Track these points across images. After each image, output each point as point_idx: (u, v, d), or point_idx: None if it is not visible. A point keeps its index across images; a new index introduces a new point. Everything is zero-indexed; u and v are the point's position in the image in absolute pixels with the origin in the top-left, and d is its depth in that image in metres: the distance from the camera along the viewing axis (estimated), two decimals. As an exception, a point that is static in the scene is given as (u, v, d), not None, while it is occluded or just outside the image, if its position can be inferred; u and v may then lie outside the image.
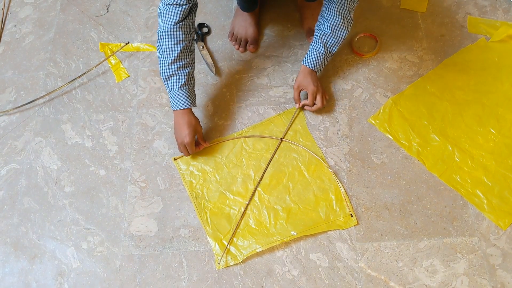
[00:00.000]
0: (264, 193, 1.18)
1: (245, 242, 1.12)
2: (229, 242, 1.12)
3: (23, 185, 1.25)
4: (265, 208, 1.16)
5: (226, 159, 1.24)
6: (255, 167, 1.22)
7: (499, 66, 1.32)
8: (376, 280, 1.06)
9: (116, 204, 1.20)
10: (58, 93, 1.39)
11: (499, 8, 1.43)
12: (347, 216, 1.13)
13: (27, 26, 1.55)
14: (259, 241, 1.12)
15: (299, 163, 1.21)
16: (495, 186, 1.14)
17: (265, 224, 1.14)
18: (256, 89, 1.35)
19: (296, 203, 1.16)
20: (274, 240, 1.11)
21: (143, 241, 1.15)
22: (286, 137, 1.25)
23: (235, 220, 1.15)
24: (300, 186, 1.18)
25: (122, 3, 1.56)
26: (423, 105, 1.26)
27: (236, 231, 1.14)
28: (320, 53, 1.21)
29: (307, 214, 1.14)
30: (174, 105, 1.16)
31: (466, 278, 1.05)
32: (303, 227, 1.12)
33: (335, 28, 1.19)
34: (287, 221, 1.13)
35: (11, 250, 1.16)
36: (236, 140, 1.26)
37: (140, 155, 1.27)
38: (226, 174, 1.22)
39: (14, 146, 1.31)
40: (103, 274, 1.12)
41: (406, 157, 1.20)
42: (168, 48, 1.12)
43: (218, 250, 1.12)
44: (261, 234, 1.13)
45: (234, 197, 1.18)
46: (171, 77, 1.15)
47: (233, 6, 1.51)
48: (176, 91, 1.15)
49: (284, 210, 1.15)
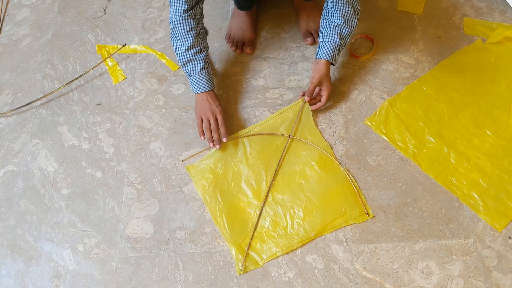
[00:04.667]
0: (278, 193, 1.18)
1: (264, 246, 1.11)
2: (248, 247, 1.11)
3: (19, 187, 1.25)
4: (280, 208, 1.15)
5: (236, 159, 1.23)
6: (265, 167, 1.21)
7: (495, 68, 1.32)
8: (372, 282, 1.06)
9: (112, 206, 1.20)
10: (55, 95, 1.39)
11: (496, 10, 1.43)
12: (362, 210, 1.13)
13: (24, 28, 1.55)
14: (278, 244, 1.11)
15: (309, 159, 1.20)
16: (490, 188, 1.14)
17: (282, 225, 1.13)
18: (252, 91, 1.35)
19: (310, 199, 1.15)
20: (293, 244, 1.11)
21: (139, 243, 1.15)
22: (294, 134, 1.25)
23: (251, 223, 1.14)
24: (313, 181, 1.17)
25: (119, 5, 1.57)
26: (419, 106, 1.27)
27: (254, 234, 1.13)
28: (336, 44, 1.20)
29: (323, 209, 1.14)
30: (196, 89, 1.22)
31: (461, 280, 1.05)
32: (320, 224, 1.12)
33: (347, 17, 1.19)
34: (303, 219, 1.13)
35: (8, 252, 1.17)
36: (244, 139, 1.26)
37: (137, 157, 1.27)
38: (238, 175, 1.21)
39: (11, 148, 1.32)
40: (99, 276, 1.12)
41: (402, 158, 1.20)
42: (182, 36, 1.18)
43: (236, 255, 1.11)
44: (280, 236, 1.12)
45: (248, 200, 1.17)
46: (189, 62, 1.21)
47: (230, 8, 1.51)
48: (197, 75, 1.21)
49: (299, 207, 1.15)
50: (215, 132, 1.21)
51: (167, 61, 1.42)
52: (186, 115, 1.32)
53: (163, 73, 1.40)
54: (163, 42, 1.46)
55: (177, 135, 1.29)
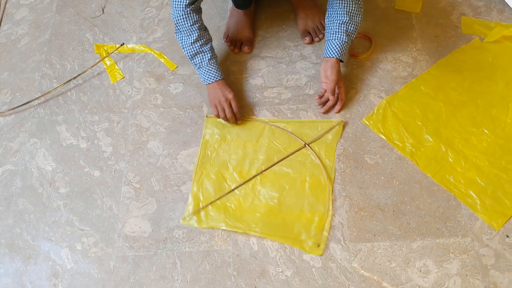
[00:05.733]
0: (260, 183, 1.19)
1: (216, 215, 1.16)
2: (204, 207, 1.16)
3: (18, 186, 1.25)
4: (253, 196, 1.17)
5: (248, 138, 1.26)
6: (267, 157, 1.23)
7: (493, 67, 1.32)
8: (369, 281, 1.06)
9: (110, 205, 1.20)
10: (53, 95, 1.40)
11: (494, 9, 1.43)
12: (315, 244, 1.11)
13: (22, 27, 1.55)
14: (228, 221, 1.15)
15: (307, 174, 1.20)
16: (488, 186, 1.14)
17: (243, 208, 1.16)
18: (251, 90, 1.35)
19: (280, 205, 1.16)
20: (238, 227, 1.13)
21: (137, 242, 1.15)
22: (312, 145, 1.23)
23: (221, 192, 1.18)
24: (294, 192, 1.18)
25: (117, 4, 1.57)
26: (417, 105, 1.27)
27: (215, 201, 1.17)
28: (343, 41, 1.22)
29: (283, 220, 1.14)
30: (207, 79, 1.25)
31: (459, 279, 1.05)
32: (271, 230, 1.13)
33: (352, 14, 1.20)
34: (262, 216, 1.15)
35: (6, 251, 1.17)
36: (265, 126, 1.27)
37: (135, 156, 1.27)
38: (240, 150, 1.24)
39: (9, 148, 1.32)
40: (97, 275, 1.12)
41: (400, 157, 1.20)
42: (186, 30, 1.21)
43: (190, 209, 1.17)
44: (234, 216, 1.15)
45: (233, 173, 1.21)
46: (196, 55, 1.24)
47: (228, 7, 1.51)
48: (206, 66, 1.24)
49: (266, 206, 1.16)
50: (231, 118, 1.25)
51: (165, 60, 1.42)
52: (184, 114, 1.32)
53: (161, 72, 1.41)
54: (161, 41, 1.47)
55: (175, 134, 1.29)
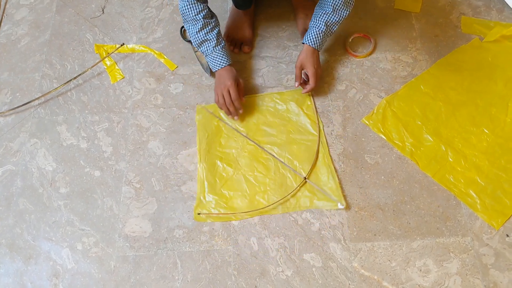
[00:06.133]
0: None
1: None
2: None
3: (18, 186, 1.26)
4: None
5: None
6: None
7: (493, 66, 1.32)
8: (369, 280, 1.06)
9: (110, 205, 1.21)
10: (54, 95, 1.40)
11: (493, 8, 1.44)
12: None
13: (23, 27, 1.55)
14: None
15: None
16: (488, 186, 1.14)
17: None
18: (251, 90, 1.35)
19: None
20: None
21: (137, 242, 1.15)
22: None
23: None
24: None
25: (117, 4, 1.57)
26: (417, 105, 1.27)
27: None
28: (321, 30, 1.23)
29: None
30: (215, 66, 1.27)
31: (459, 278, 1.05)
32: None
33: (336, 7, 1.21)
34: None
35: (6, 251, 1.17)
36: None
37: (135, 156, 1.27)
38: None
39: (10, 148, 1.32)
40: (98, 275, 1.12)
41: (400, 157, 1.21)
42: (192, 19, 1.23)
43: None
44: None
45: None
46: (203, 43, 1.26)
47: (227, 7, 1.51)
48: (211, 53, 1.26)
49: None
50: (230, 105, 1.26)
51: (165, 60, 1.42)
52: (184, 114, 1.32)
53: (161, 72, 1.41)
54: (161, 42, 1.47)
55: (175, 134, 1.29)
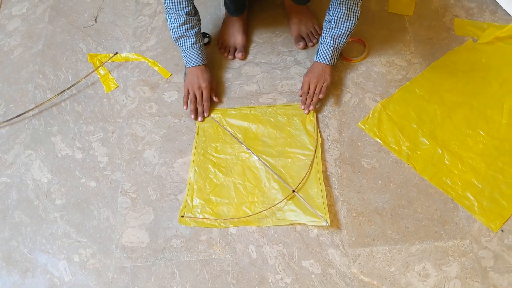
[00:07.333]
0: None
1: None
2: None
3: (13, 198, 1.25)
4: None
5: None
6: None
7: (486, 68, 1.32)
8: (369, 286, 1.06)
9: (107, 216, 1.20)
10: (48, 105, 1.39)
11: (486, 10, 1.44)
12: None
13: (15, 38, 1.55)
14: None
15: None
16: (485, 188, 1.14)
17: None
18: (245, 97, 1.35)
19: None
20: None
21: (135, 253, 1.14)
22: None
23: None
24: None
25: (110, 13, 1.56)
26: (412, 108, 1.27)
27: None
28: (329, 45, 1.25)
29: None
30: (188, 63, 1.30)
31: (458, 281, 1.05)
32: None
33: (339, 19, 1.22)
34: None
35: (3, 265, 1.16)
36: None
37: (131, 165, 1.26)
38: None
39: (4, 160, 1.31)
40: (96, 286, 1.11)
41: (396, 161, 1.20)
42: (175, 13, 1.24)
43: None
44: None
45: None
46: (181, 38, 1.28)
47: (221, 14, 1.51)
48: (188, 50, 1.28)
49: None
50: (199, 105, 1.30)
51: (159, 68, 1.42)
52: (179, 122, 1.32)
53: (155, 80, 1.40)
54: (155, 50, 1.46)
55: (170, 143, 1.29)
